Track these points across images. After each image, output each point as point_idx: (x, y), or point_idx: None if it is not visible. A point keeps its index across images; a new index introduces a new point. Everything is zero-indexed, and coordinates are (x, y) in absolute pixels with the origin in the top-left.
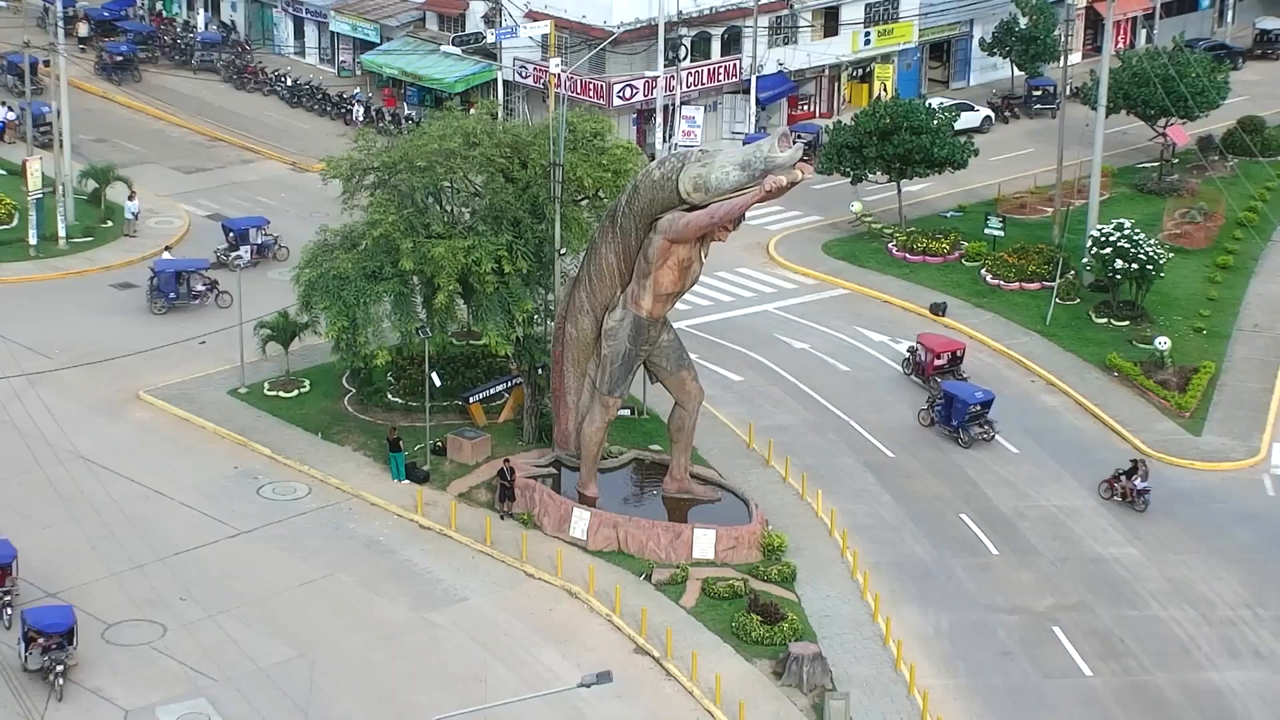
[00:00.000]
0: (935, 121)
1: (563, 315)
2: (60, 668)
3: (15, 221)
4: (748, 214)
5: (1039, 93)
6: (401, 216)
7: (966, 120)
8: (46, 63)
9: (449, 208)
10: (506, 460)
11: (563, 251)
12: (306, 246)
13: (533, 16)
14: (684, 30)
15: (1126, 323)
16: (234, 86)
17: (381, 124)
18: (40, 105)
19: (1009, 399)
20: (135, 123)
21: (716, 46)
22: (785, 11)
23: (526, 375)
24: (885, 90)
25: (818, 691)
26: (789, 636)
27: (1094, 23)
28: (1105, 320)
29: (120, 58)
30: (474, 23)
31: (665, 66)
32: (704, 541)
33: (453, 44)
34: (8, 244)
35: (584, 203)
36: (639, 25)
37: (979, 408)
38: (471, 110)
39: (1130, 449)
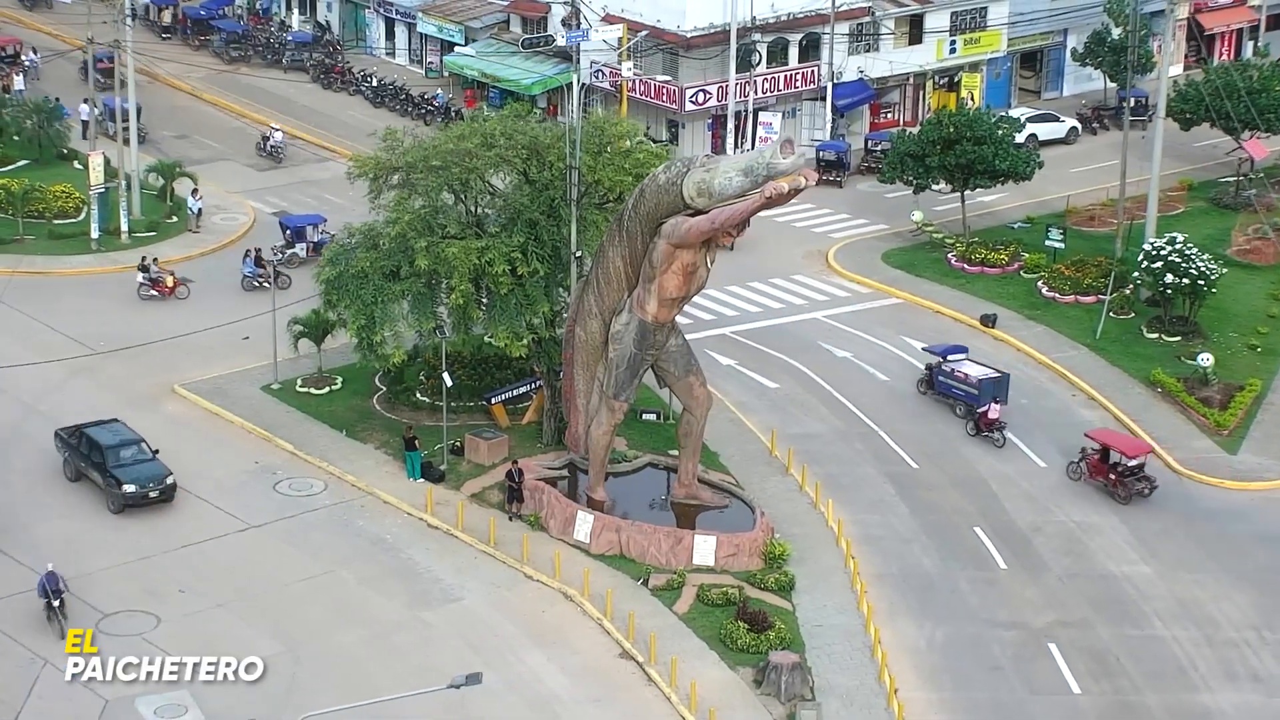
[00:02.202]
0: (1000, 132)
1: (573, 318)
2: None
3: (84, 215)
4: (765, 217)
5: (1130, 104)
6: (418, 216)
7: (1052, 131)
8: (111, 58)
9: (474, 209)
10: (515, 462)
11: (579, 254)
12: (330, 245)
13: (610, 20)
14: (757, 36)
15: (1178, 338)
16: (321, 86)
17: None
18: (113, 100)
19: (1047, 412)
20: (218, 120)
21: (794, 53)
22: (866, 19)
23: (546, 378)
24: (972, 99)
25: (795, 701)
26: (775, 645)
27: (1193, 34)
28: (1156, 335)
29: None
30: (555, 26)
31: (739, 72)
32: (704, 548)
33: (522, 46)
34: (73, 237)
35: (608, 206)
36: (713, 30)
37: None
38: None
39: (1160, 467)
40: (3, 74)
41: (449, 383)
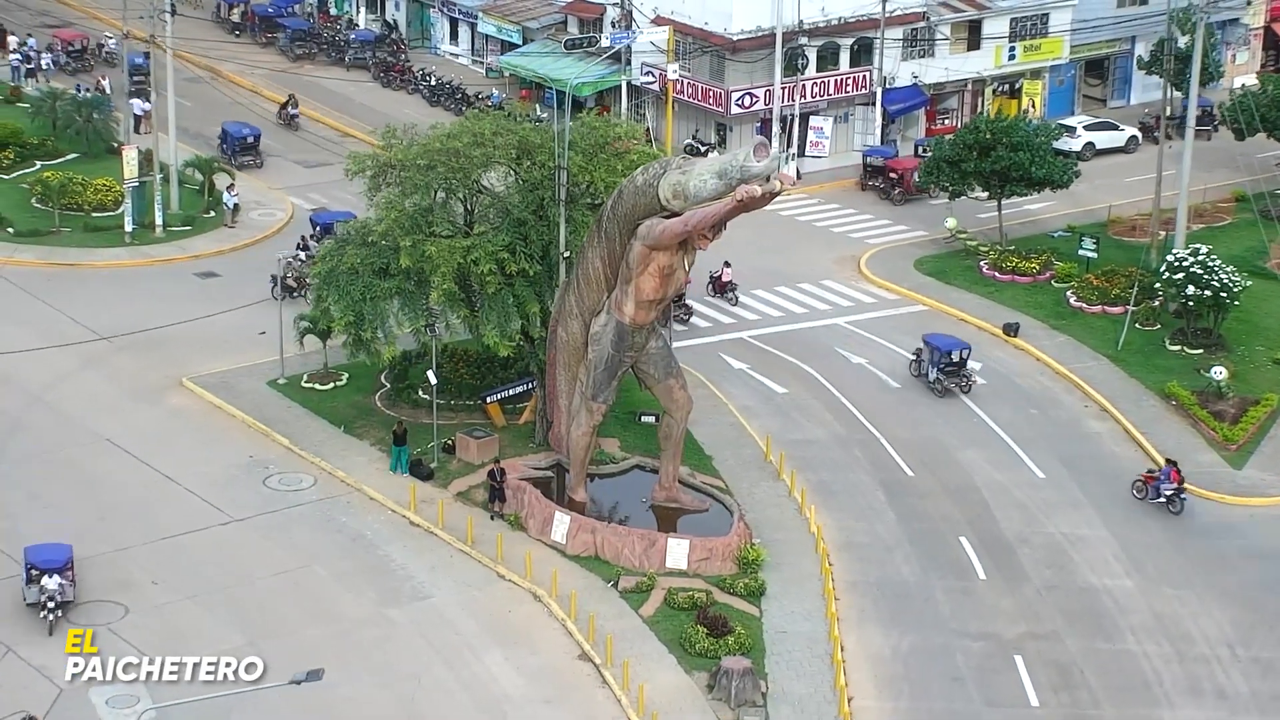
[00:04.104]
0: (1039, 139)
1: (555, 318)
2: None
3: (122, 208)
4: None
5: (1169, 112)
6: (406, 214)
7: (1110, 140)
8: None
9: (470, 208)
10: (497, 461)
11: (567, 255)
12: (327, 241)
13: (659, 22)
14: (804, 40)
15: (1200, 350)
16: (381, 85)
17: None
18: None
19: (1056, 423)
20: (274, 116)
21: (845, 57)
22: (921, 24)
23: (539, 378)
24: (1033, 106)
25: (744, 706)
26: (733, 650)
27: (1272, 43)
28: (1179, 347)
29: None
30: (610, 27)
31: (786, 76)
32: (677, 551)
33: (565, 47)
34: (108, 230)
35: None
36: (759, 33)
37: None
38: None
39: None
40: (97, 67)
41: (434, 380)
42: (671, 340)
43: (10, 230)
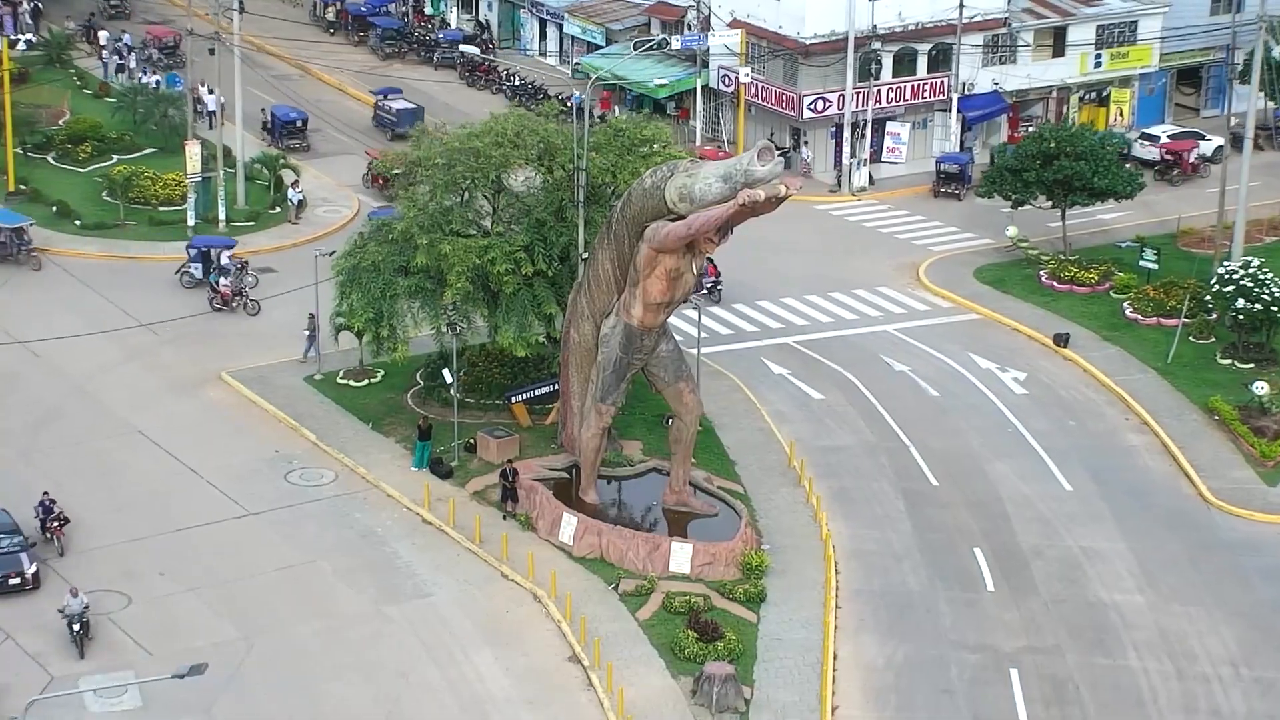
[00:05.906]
0: (1105, 149)
1: (569, 320)
2: None
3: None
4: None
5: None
6: (424, 213)
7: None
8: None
9: (495, 207)
10: (510, 461)
11: (585, 256)
12: (351, 238)
13: (734, 25)
14: (878, 45)
15: (1251, 365)
16: (466, 84)
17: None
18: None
19: (1092, 435)
20: (356, 114)
21: (923, 63)
22: (1002, 30)
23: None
24: (1121, 115)
25: (726, 713)
26: (722, 656)
27: None
28: (1230, 361)
29: None
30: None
31: (860, 81)
32: (680, 556)
33: (634, 49)
34: (172, 224)
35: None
36: (833, 38)
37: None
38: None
39: (1194, 496)
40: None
41: (449, 379)
42: (700, 343)
43: (77, 223)
